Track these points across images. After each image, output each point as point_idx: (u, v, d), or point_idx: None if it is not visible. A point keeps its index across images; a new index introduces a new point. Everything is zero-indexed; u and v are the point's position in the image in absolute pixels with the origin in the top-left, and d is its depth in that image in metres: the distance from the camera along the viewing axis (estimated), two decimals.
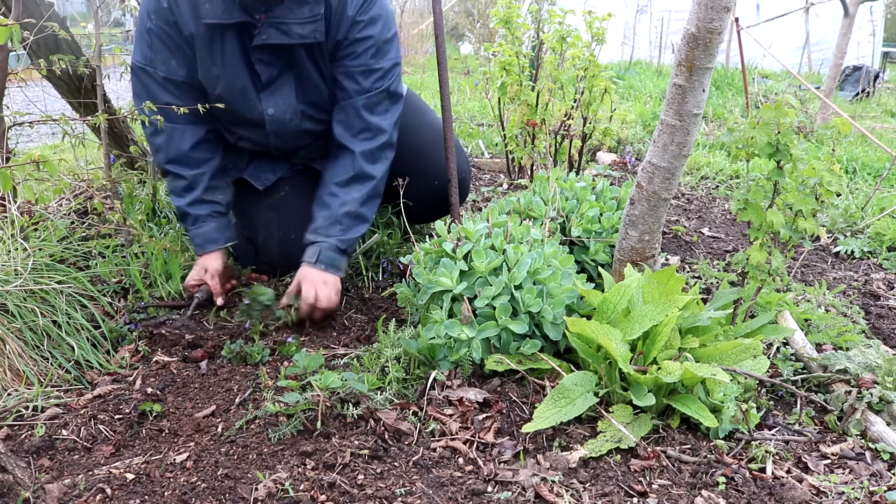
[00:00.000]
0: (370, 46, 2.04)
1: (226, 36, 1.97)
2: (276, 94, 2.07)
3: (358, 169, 2.07)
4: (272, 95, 2.07)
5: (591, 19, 3.08)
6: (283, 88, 2.07)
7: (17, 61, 2.80)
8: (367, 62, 2.05)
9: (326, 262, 2.00)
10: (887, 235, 2.81)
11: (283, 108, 2.09)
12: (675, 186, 1.85)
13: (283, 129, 2.13)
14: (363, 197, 2.07)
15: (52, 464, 1.40)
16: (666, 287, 1.67)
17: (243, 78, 2.03)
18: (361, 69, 2.05)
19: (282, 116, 2.10)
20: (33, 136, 4.17)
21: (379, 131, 2.08)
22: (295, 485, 1.31)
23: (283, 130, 2.14)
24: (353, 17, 1.99)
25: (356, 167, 2.07)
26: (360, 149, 2.07)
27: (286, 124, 2.12)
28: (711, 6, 1.63)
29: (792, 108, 1.62)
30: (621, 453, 1.45)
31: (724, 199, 3.56)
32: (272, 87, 2.06)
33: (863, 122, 5.96)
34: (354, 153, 2.07)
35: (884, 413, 1.60)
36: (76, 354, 1.76)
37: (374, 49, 2.05)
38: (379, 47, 2.06)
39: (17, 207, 2.05)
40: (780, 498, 1.33)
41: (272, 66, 2.03)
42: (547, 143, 3.21)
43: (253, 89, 2.06)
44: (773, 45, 8.81)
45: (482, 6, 13.14)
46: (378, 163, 2.10)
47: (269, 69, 2.03)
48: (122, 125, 2.82)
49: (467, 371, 1.68)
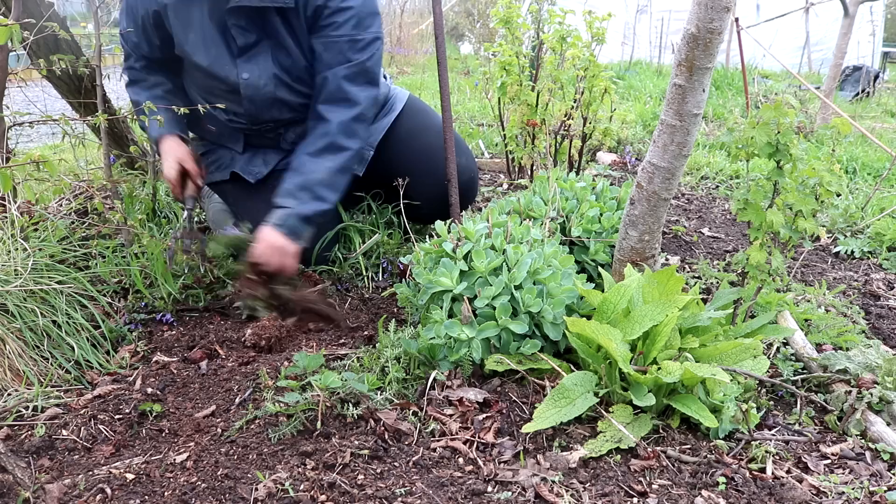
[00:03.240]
0: (352, 17, 2.04)
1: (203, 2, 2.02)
2: (252, 61, 2.10)
3: (332, 139, 2.06)
4: (248, 62, 2.10)
5: (591, 19, 3.08)
6: (260, 56, 2.10)
7: (17, 61, 2.80)
8: (348, 32, 2.05)
9: (290, 228, 1.97)
10: (887, 235, 2.81)
11: (258, 73, 2.11)
12: (675, 186, 1.85)
13: (257, 94, 2.14)
14: (336, 167, 2.06)
15: (52, 464, 1.40)
16: (666, 287, 1.67)
17: (219, 44, 2.07)
18: (343, 39, 2.05)
19: (256, 82, 2.12)
20: (33, 136, 4.17)
21: (355, 103, 2.08)
22: (295, 485, 1.31)
23: (257, 96, 2.15)
24: None
25: (330, 136, 2.06)
26: (337, 119, 2.07)
27: (260, 90, 2.13)
28: (711, 6, 1.63)
29: (792, 108, 1.62)
30: (621, 453, 1.45)
31: (724, 199, 3.55)
32: (249, 54, 2.09)
33: (863, 122, 5.96)
34: (330, 123, 2.07)
35: (884, 413, 1.60)
36: (76, 354, 1.76)
37: (355, 20, 2.05)
38: (360, 19, 2.06)
39: (17, 207, 2.05)
40: (780, 498, 1.33)
41: (248, 32, 2.06)
42: (547, 143, 3.21)
43: (228, 54, 2.09)
44: (773, 45, 8.81)
45: (482, 6, 13.13)
46: (353, 136, 2.09)
47: (246, 34, 2.06)
48: (122, 125, 2.82)
49: (467, 371, 1.68)
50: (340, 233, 2.38)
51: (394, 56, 10.48)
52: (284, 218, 1.97)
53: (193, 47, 2.09)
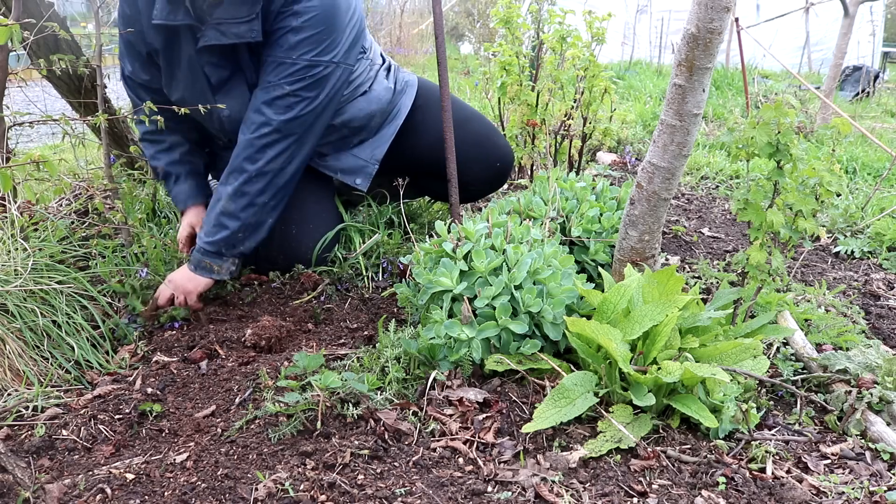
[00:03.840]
0: (285, 35, 1.95)
1: (181, 39, 2.02)
2: (230, 95, 2.11)
3: (235, 161, 2.05)
4: (226, 96, 2.11)
5: (591, 19, 3.08)
6: (235, 90, 2.11)
7: (17, 61, 2.80)
8: (277, 55, 1.98)
9: (194, 263, 2.06)
10: (887, 235, 2.81)
11: (237, 108, 2.12)
12: (675, 186, 1.85)
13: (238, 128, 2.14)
14: (233, 191, 2.04)
15: (52, 464, 1.40)
16: (666, 287, 1.67)
17: (201, 80, 2.08)
18: (271, 59, 2.00)
19: (237, 116, 2.12)
20: (33, 136, 4.17)
21: (265, 123, 2.01)
22: (295, 485, 1.31)
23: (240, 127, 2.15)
24: (277, 8, 1.96)
25: (235, 159, 2.06)
26: (243, 138, 2.05)
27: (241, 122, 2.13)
28: (711, 6, 1.63)
29: (792, 108, 1.62)
30: (621, 453, 1.45)
31: (724, 199, 3.55)
32: (225, 89, 2.10)
33: (863, 122, 5.96)
34: (240, 143, 2.06)
35: (884, 413, 1.60)
36: (76, 355, 1.76)
37: (289, 42, 1.96)
38: (297, 43, 1.95)
39: (17, 207, 2.05)
40: (780, 498, 1.33)
41: (222, 69, 2.07)
42: (547, 143, 3.21)
43: (210, 91, 2.10)
44: (773, 45, 8.81)
45: (482, 6, 13.13)
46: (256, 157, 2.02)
47: (219, 71, 2.07)
48: (122, 125, 2.82)
49: (467, 371, 1.68)
50: (340, 233, 2.38)
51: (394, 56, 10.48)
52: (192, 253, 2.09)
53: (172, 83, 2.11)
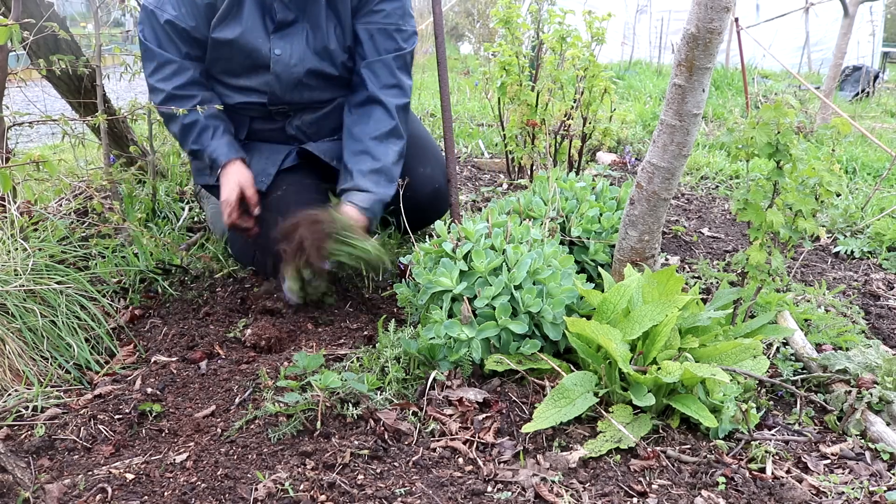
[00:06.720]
0: (398, 7, 2.15)
1: None
2: (286, 38, 2.12)
3: (394, 124, 2.14)
4: (282, 39, 2.12)
5: (591, 19, 3.08)
6: (295, 35, 2.13)
7: (17, 61, 2.80)
8: (396, 22, 2.15)
9: (373, 213, 2.07)
10: (887, 235, 2.81)
11: (290, 51, 2.13)
12: (674, 186, 1.85)
13: (286, 71, 2.14)
14: (399, 153, 2.15)
15: (52, 464, 1.40)
16: (666, 287, 1.67)
17: (255, 17, 2.09)
18: (393, 28, 2.14)
19: (287, 59, 2.13)
20: (33, 136, 4.17)
21: (405, 92, 2.18)
22: (295, 485, 1.31)
23: (285, 73, 2.15)
24: None
25: (393, 121, 2.14)
26: (394, 104, 2.14)
27: (290, 67, 2.14)
28: (711, 6, 1.63)
29: (792, 108, 1.62)
30: (621, 453, 1.45)
31: (724, 199, 3.56)
32: (284, 31, 2.12)
33: (863, 122, 5.96)
34: (389, 107, 2.14)
35: (883, 413, 1.60)
36: (76, 355, 1.76)
37: (401, 10, 2.16)
38: (405, 11, 2.18)
39: (16, 207, 2.05)
40: (780, 498, 1.33)
41: (289, 10, 2.09)
42: (547, 143, 3.21)
43: (263, 29, 2.11)
44: (773, 45, 8.81)
45: (482, 6, 13.13)
46: (405, 124, 2.18)
47: (286, 11, 2.09)
48: (121, 125, 2.82)
49: (467, 371, 1.68)
50: None
51: None
52: (371, 203, 2.06)
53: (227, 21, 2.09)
